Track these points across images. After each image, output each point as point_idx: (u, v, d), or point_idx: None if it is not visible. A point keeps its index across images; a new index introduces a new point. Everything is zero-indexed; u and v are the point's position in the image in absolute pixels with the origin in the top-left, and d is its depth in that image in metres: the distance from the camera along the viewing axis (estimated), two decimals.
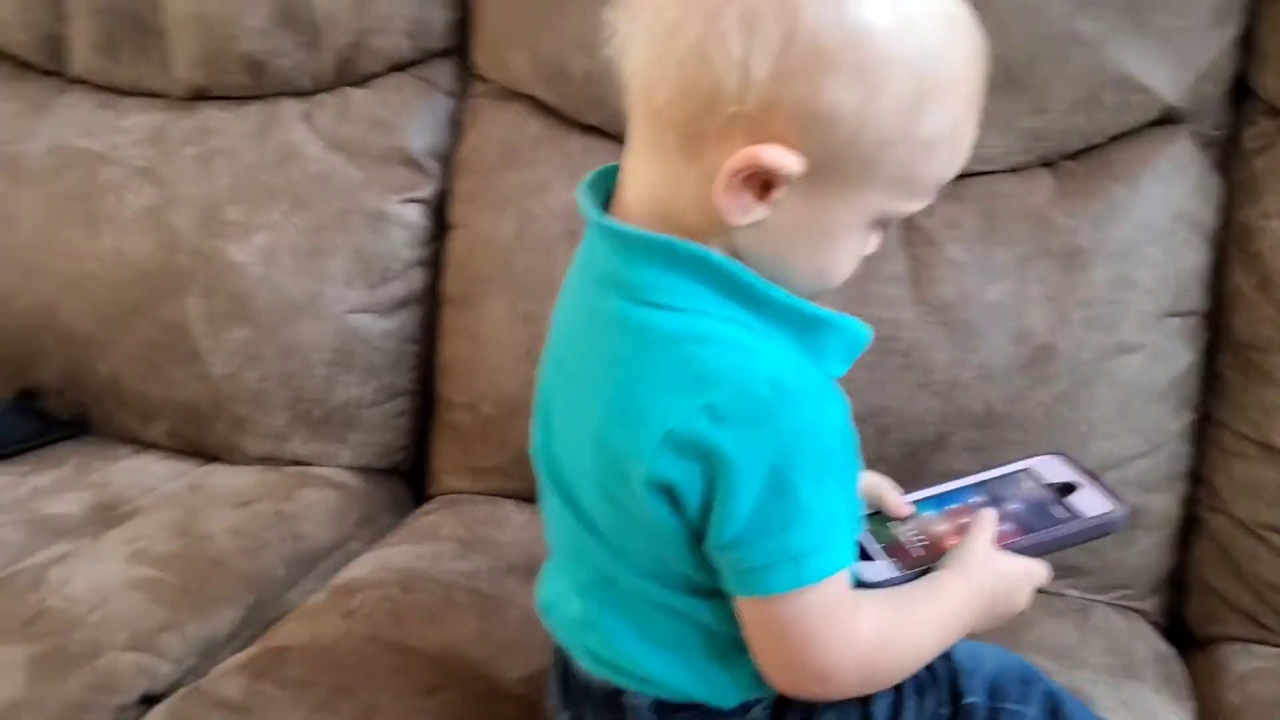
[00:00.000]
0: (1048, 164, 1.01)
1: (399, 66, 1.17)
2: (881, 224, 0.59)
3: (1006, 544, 0.69)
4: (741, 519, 0.56)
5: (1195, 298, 0.99)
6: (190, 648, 0.88)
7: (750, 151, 0.54)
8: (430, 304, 1.15)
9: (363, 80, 1.18)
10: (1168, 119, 0.99)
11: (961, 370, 0.97)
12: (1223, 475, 0.98)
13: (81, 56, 1.23)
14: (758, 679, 0.62)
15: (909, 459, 0.98)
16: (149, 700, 0.82)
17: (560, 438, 0.64)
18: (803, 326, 0.60)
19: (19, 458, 1.15)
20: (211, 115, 1.19)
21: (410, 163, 1.15)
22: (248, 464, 1.15)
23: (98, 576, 0.93)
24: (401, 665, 0.84)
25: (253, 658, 0.86)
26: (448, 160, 1.15)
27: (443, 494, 1.13)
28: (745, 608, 0.60)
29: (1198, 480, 1.00)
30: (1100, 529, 0.69)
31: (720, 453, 0.55)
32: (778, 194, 0.56)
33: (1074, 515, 0.70)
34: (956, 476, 0.77)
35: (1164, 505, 0.99)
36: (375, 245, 1.13)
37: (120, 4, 1.18)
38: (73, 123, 1.22)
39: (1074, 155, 1.00)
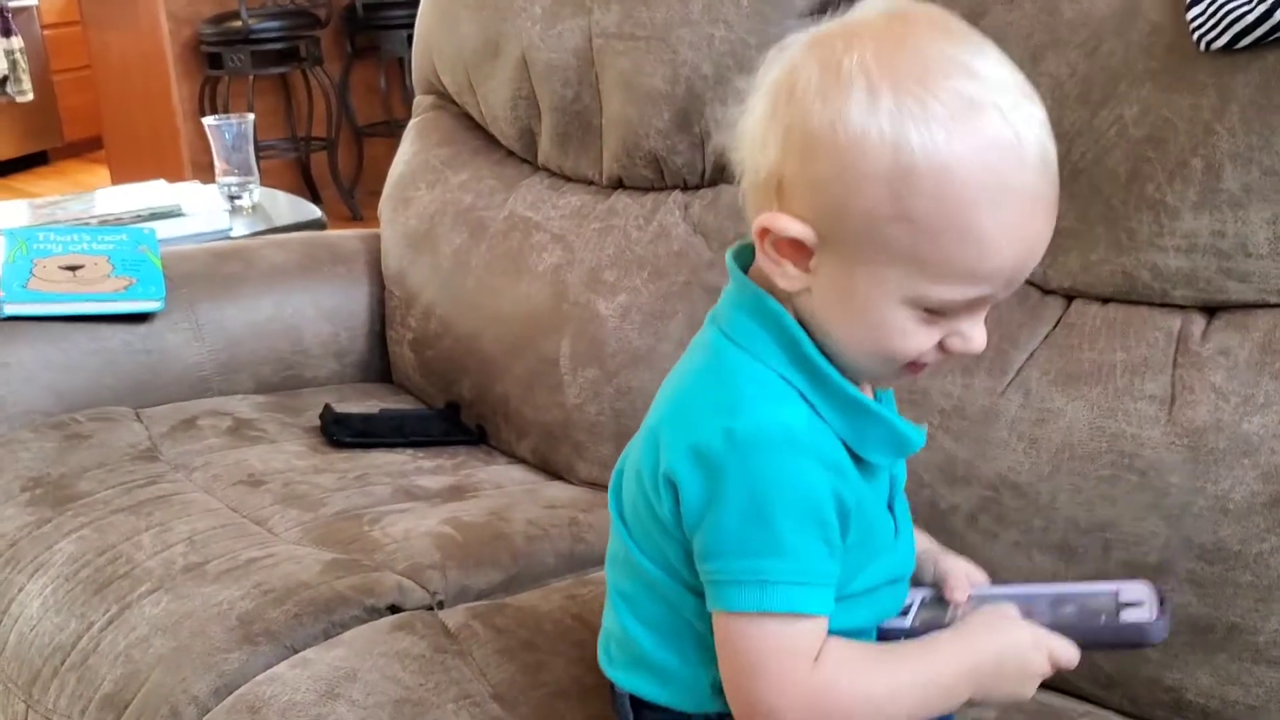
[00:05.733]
0: None
1: None
2: (927, 308, 0.63)
3: (1040, 621, 0.68)
4: (723, 533, 0.64)
5: None
6: (448, 586, 1.08)
7: (766, 216, 0.64)
8: None
9: (736, 179, 1.36)
10: None
11: (1197, 498, 0.92)
12: None
13: (544, 147, 1.54)
14: None
15: None
16: (394, 609, 1.03)
17: (633, 446, 0.75)
18: (845, 407, 0.67)
19: (427, 448, 1.44)
20: (620, 199, 1.44)
21: None
22: (578, 484, 1.35)
23: (414, 526, 1.17)
24: (586, 640, 0.97)
25: (483, 606, 1.04)
26: None
27: None
28: (714, 621, 0.66)
29: None
30: (1131, 634, 0.66)
31: (721, 470, 0.64)
32: (813, 262, 0.64)
33: (1111, 617, 0.67)
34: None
35: None
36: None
37: (574, 106, 1.48)
38: (527, 199, 1.53)
39: None
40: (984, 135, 0.59)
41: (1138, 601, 0.70)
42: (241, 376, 1.56)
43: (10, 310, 1.41)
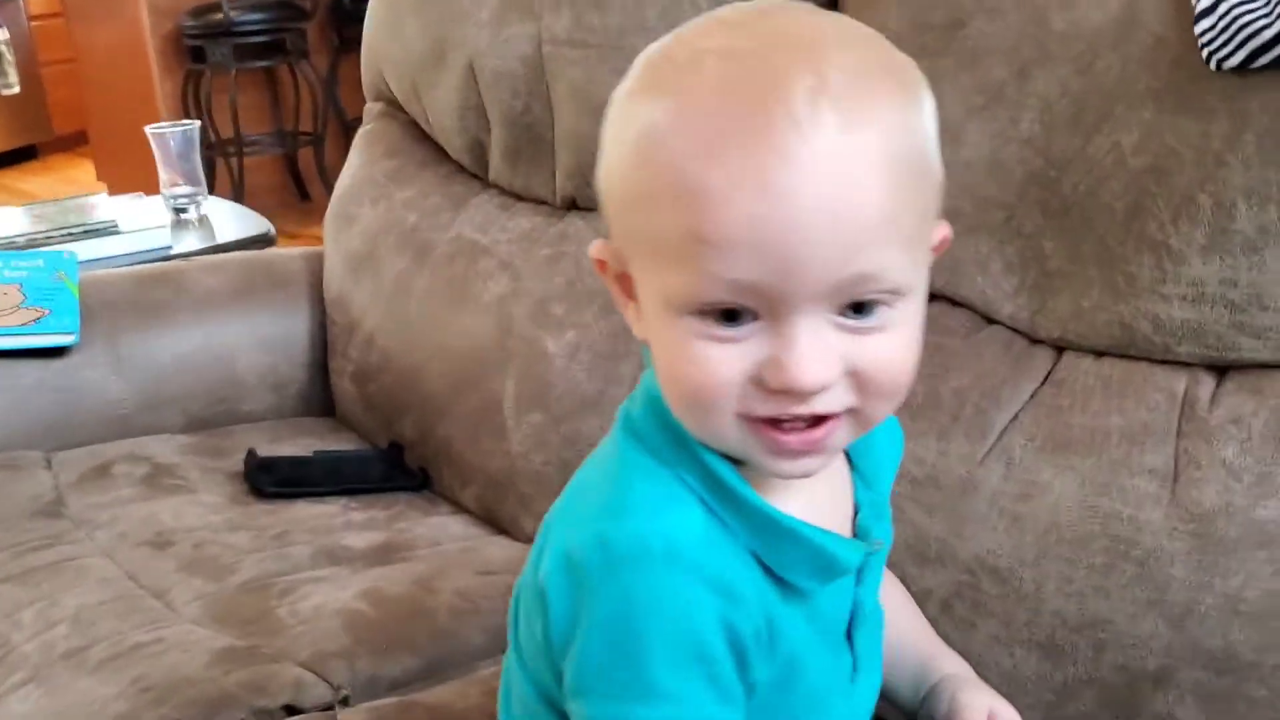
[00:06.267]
0: None
1: None
2: (695, 312, 0.50)
3: None
4: (588, 666, 0.52)
5: None
6: (355, 679, 0.96)
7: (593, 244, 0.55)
8: None
9: None
10: None
11: (1204, 595, 0.79)
12: None
13: (495, 163, 1.41)
14: None
15: (1125, 689, 0.81)
16: (289, 710, 0.91)
17: None
18: (746, 515, 0.54)
19: (363, 496, 1.32)
20: (573, 222, 1.31)
21: None
22: (524, 540, 1.22)
23: (326, 600, 1.05)
24: None
25: (389, 706, 0.91)
26: None
27: None
28: None
29: None
30: None
31: (590, 586, 0.52)
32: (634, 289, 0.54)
33: None
34: None
35: None
36: None
37: (524, 118, 1.35)
38: (475, 219, 1.40)
39: None
40: (692, 89, 0.50)
41: None
42: (168, 413, 1.44)
43: None
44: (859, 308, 0.50)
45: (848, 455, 0.61)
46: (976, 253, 0.96)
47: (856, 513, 0.61)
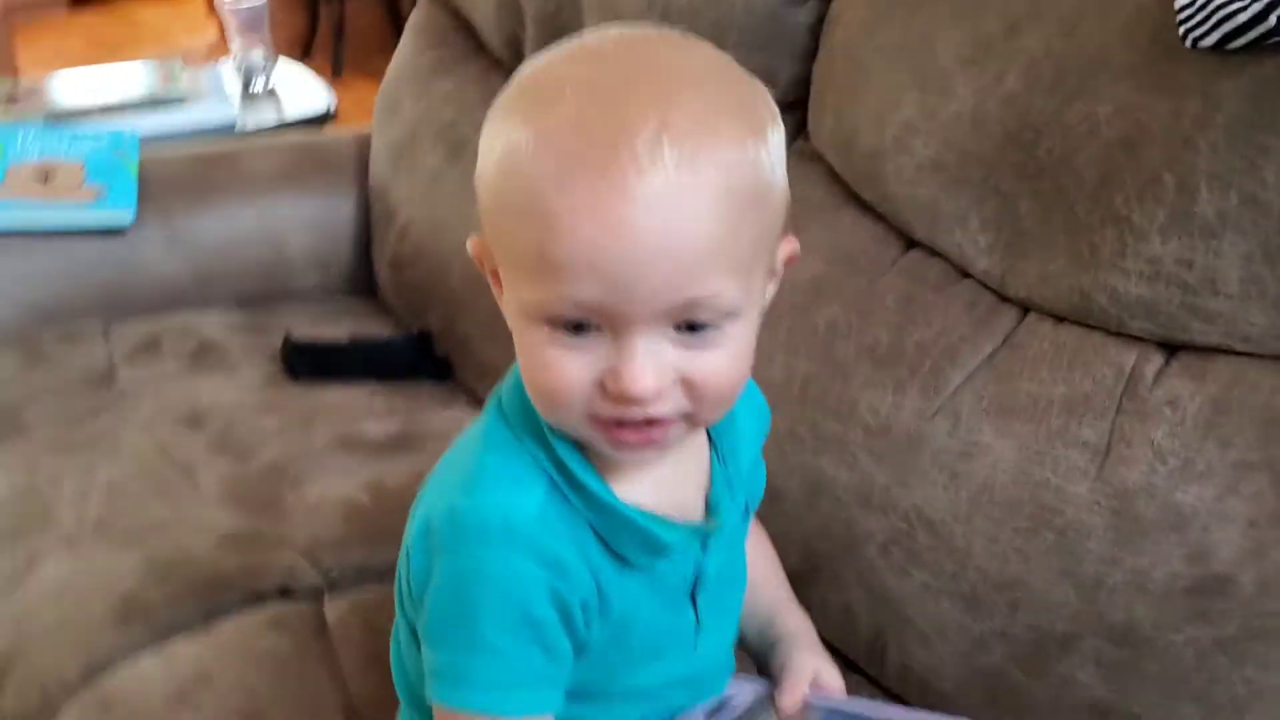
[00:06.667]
0: None
1: None
2: (545, 319, 0.55)
3: None
4: (432, 621, 0.60)
5: None
6: (344, 567, 1.05)
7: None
8: None
9: None
10: None
11: (1114, 570, 0.82)
12: None
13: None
14: None
15: (1034, 648, 0.85)
16: (283, 592, 1.01)
17: None
18: (581, 493, 0.60)
19: (389, 382, 1.40)
20: None
21: None
22: None
23: (331, 489, 1.14)
24: None
25: (370, 597, 1.00)
26: None
27: None
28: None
29: None
30: None
31: (439, 552, 0.58)
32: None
33: None
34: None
35: None
36: None
37: (555, 20, 1.36)
38: None
39: None
40: (551, 118, 0.53)
41: None
42: (219, 289, 1.53)
43: None
44: (693, 326, 0.54)
45: (709, 433, 0.66)
46: (957, 206, 0.96)
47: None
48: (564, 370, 0.55)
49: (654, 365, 0.54)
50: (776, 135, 0.56)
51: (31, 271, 1.43)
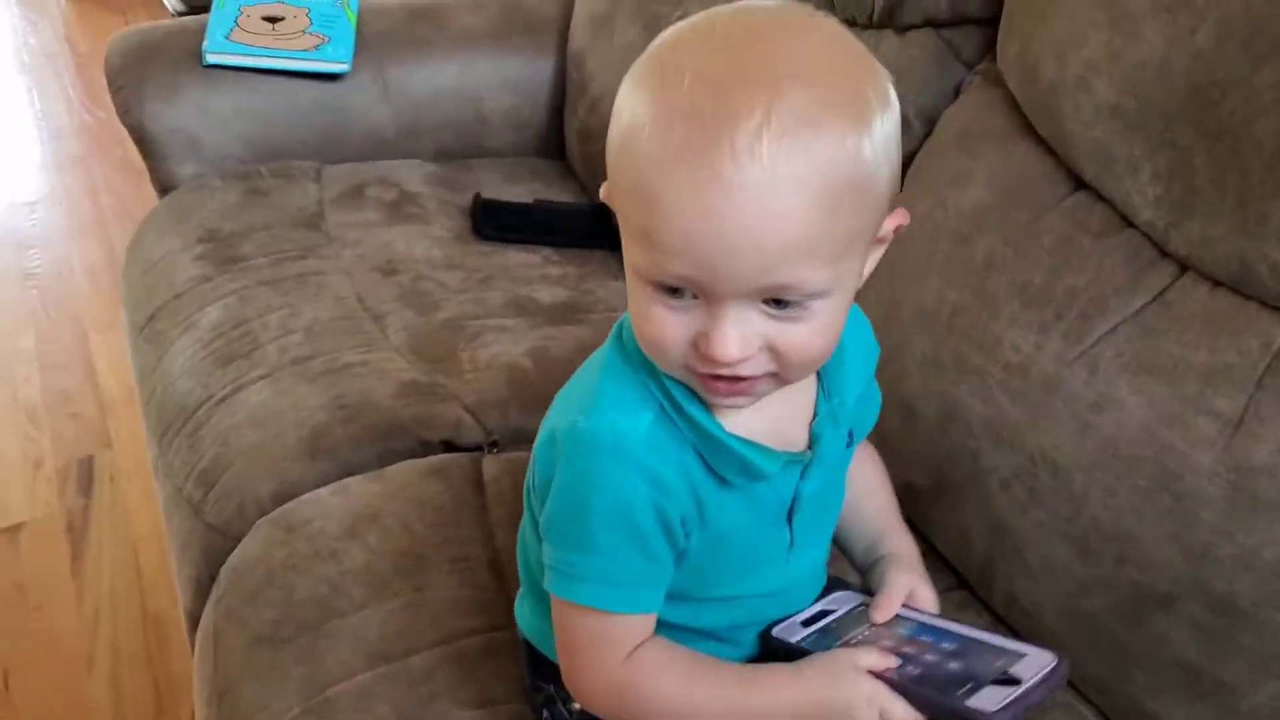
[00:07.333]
0: None
1: (934, 23, 1.21)
2: (651, 282, 0.59)
3: (887, 676, 0.68)
4: (551, 520, 0.67)
5: None
6: (505, 428, 1.15)
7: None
8: None
9: (901, 29, 1.23)
10: None
11: (1224, 542, 0.83)
12: None
13: None
14: None
15: (1134, 603, 0.89)
16: (447, 445, 1.12)
17: None
18: (689, 424, 0.66)
19: (566, 250, 1.47)
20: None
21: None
22: None
23: (501, 352, 1.23)
24: None
25: (525, 458, 1.10)
26: (932, 125, 1.19)
27: None
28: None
29: None
30: (968, 715, 0.64)
31: (561, 460, 0.66)
32: None
33: (967, 695, 0.65)
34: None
35: None
36: None
37: None
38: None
39: None
40: (667, 102, 0.56)
41: (1017, 680, 0.68)
42: (423, 141, 1.63)
43: (211, 60, 1.52)
44: (780, 302, 0.59)
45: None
46: (1130, 154, 0.95)
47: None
48: (663, 327, 0.60)
49: (740, 334, 0.59)
50: (885, 123, 0.58)
51: (256, 111, 1.55)
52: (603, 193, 0.65)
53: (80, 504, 1.84)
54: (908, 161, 1.19)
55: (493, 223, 1.47)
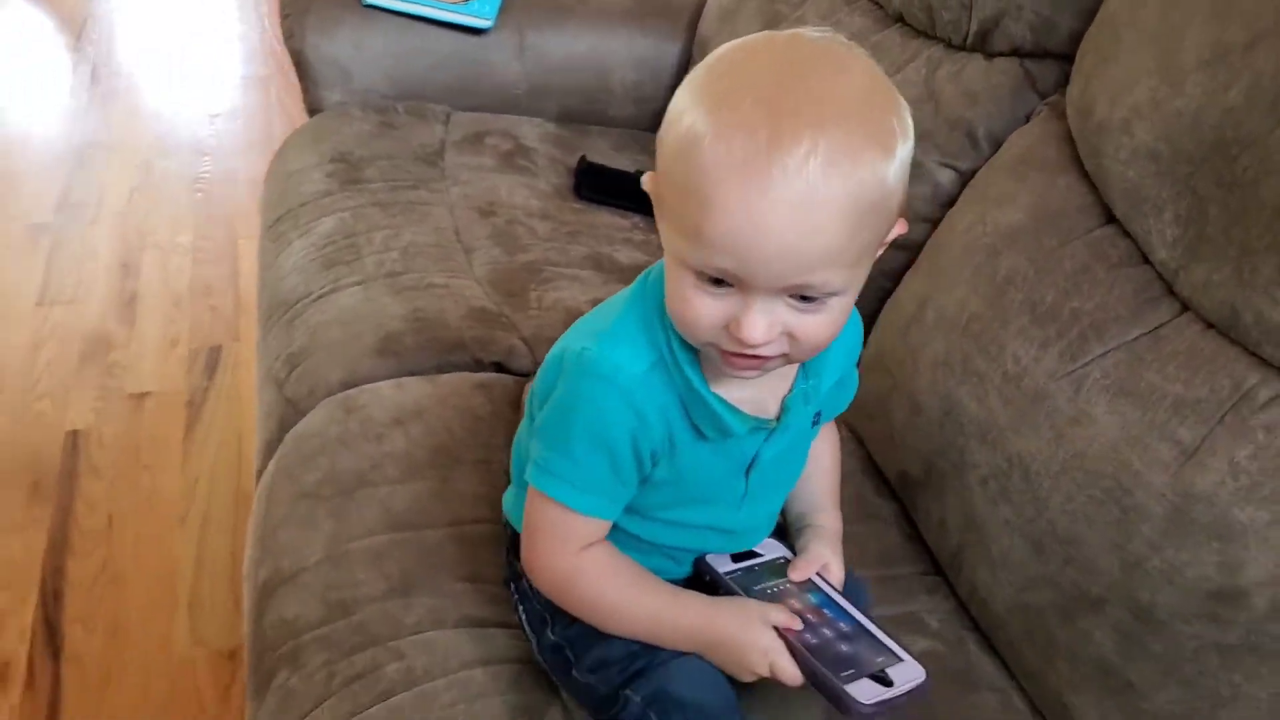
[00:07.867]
0: None
1: (1019, 53, 1.27)
2: (694, 270, 0.68)
3: (789, 635, 0.77)
4: (544, 423, 0.79)
5: None
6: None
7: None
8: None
9: (989, 55, 1.30)
10: None
11: (1154, 557, 0.90)
12: None
13: None
14: None
15: (1070, 600, 0.96)
16: (498, 366, 1.24)
17: None
18: (681, 378, 0.76)
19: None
20: (892, 35, 1.42)
21: (970, 135, 1.27)
22: None
23: (565, 298, 1.35)
24: None
25: None
26: (998, 147, 1.25)
27: None
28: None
29: None
30: (839, 700, 0.74)
31: (563, 377, 0.78)
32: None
33: (848, 680, 0.74)
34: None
35: None
36: None
37: None
38: (821, 7, 1.54)
39: None
40: (727, 121, 0.64)
41: (890, 682, 0.76)
42: (548, 102, 1.76)
43: (370, 0, 1.67)
44: (803, 297, 0.69)
45: None
46: (1158, 195, 1.01)
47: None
48: (700, 310, 0.70)
49: (766, 321, 0.69)
50: (905, 149, 0.68)
51: (403, 53, 1.70)
52: (648, 183, 0.74)
53: (203, 385, 2.04)
54: (969, 177, 1.26)
55: (592, 184, 1.59)
